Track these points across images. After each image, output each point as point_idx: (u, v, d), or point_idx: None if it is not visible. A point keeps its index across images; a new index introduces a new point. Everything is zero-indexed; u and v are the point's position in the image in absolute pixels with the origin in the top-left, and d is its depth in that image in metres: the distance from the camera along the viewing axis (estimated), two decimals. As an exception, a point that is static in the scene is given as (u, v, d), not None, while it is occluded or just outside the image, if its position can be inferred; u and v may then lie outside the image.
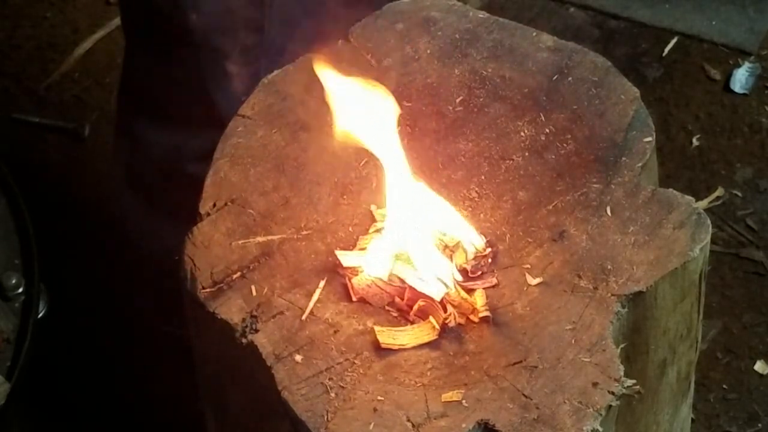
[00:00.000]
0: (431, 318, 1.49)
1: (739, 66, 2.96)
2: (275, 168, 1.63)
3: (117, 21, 3.12)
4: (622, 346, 1.46)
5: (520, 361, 1.44)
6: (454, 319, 1.48)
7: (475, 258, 1.55)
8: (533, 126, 1.66)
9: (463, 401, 1.41)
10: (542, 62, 1.71)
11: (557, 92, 1.68)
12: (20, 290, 1.95)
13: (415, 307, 1.50)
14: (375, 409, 1.41)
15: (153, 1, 2.09)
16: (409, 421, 1.40)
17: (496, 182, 1.62)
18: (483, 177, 1.63)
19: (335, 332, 1.48)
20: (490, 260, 1.55)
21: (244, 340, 1.47)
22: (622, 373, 1.41)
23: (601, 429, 1.39)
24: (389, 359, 1.46)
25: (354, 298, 1.52)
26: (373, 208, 1.60)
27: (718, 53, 2.99)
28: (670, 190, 1.57)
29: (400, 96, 1.67)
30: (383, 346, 1.47)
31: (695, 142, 2.83)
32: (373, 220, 1.60)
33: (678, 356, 1.61)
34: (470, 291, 1.52)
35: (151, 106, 2.24)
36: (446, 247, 1.56)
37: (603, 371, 1.42)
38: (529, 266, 1.54)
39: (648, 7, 3.10)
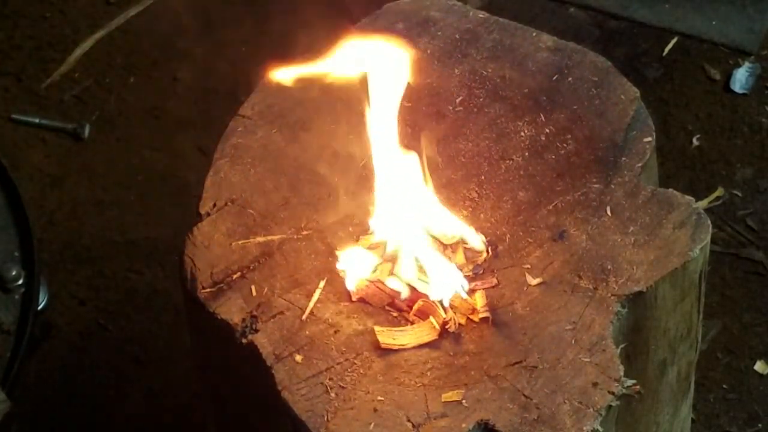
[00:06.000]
0: (431, 318, 1.49)
1: (739, 66, 2.96)
2: (275, 168, 1.63)
3: (117, 21, 3.12)
4: (622, 346, 1.46)
5: (520, 361, 1.44)
6: (455, 324, 1.48)
7: (473, 261, 1.55)
8: (533, 126, 1.66)
9: (463, 401, 1.41)
10: (542, 62, 1.71)
11: (557, 92, 1.68)
12: (20, 282, 1.95)
13: (415, 307, 1.50)
14: (375, 409, 1.41)
15: None
16: (409, 421, 1.40)
17: (496, 182, 1.62)
18: (483, 177, 1.63)
19: (335, 332, 1.48)
20: (486, 256, 1.55)
21: (244, 340, 1.47)
22: (622, 373, 1.41)
23: (601, 429, 1.39)
24: (389, 359, 1.46)
25: (354, 298, 1.52)
26: (372, 209, 1.60)
27: (718, 53, 2.99)
28: (670, 190, 1.57)
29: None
30: (383, 346, 1.47)
31: (695, 142, 2.83)
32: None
33: (678, 356, 1.61)
34: (470, 291, 1.52)
35: None
36: (445, 247, 1.56)
37: (603, 371, 1.42)
38: (529, 266, 1.54)
39: (648, 7, 3.09)
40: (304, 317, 1.49)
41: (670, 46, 3.02)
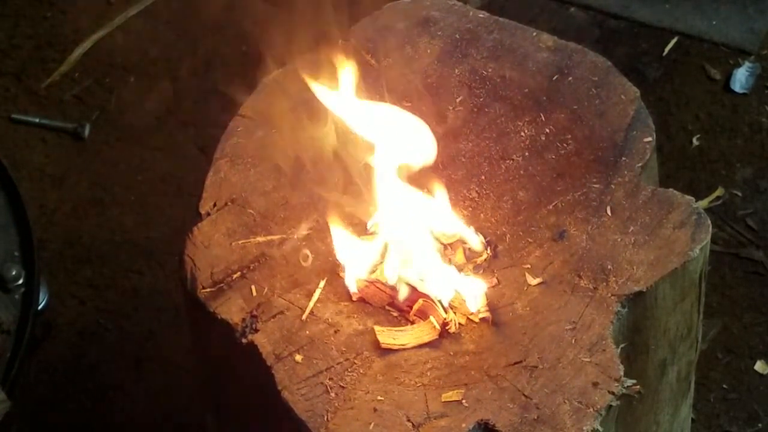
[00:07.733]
0: (431, 318, 1.49)
1: (739, 66, 2.96)
2: (275, 168, 1.63)
3: (117, 21, 3.12)
4: (622, 346, 1.46)
5: (520, 361, 1.44)
6: (455, 324, 1.48)
7: (473, 261, 1.55)
8: (533, 126, 1.66)
9: (463, 401, 1.41)
10: (542, 62, 1.71)
11: (557, 92, 1.68)
12: (20, 282, 1.96)
13: (415, 307, 1.50)
14: (375, 409, 1.41)
15: None
16: (409, 421, 1.40)
17: (496, 182, 1.62)
18: (483, 177, 1.63)
19: (335, 332, 1.48)
20: (485, 256, 1.55)
21: (244, 340, 1.47)
22: (622, 373, 1.41)
23: (601, 429, 1.39)
24: (389, 359, 1.46)
25: (354, 298, 1.52)
26: (372, 209, 1.60)
27: (718, 53, 2.99)
28: (670, 190, 1.57)
29: (400, 96, 1.68)
30: (383, 346, 1.47)
31: (695, 142, 2.82)
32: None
33: (678, 356, 1.61)
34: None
35: None
36: (445, 246, 1.56)
37: (603, 371, 1.42)
38: (529, 266, 1.54)
39: (648, 7, 3.09)
40: (304, 317, 1.49)
41: (670, 46, 3.02)
